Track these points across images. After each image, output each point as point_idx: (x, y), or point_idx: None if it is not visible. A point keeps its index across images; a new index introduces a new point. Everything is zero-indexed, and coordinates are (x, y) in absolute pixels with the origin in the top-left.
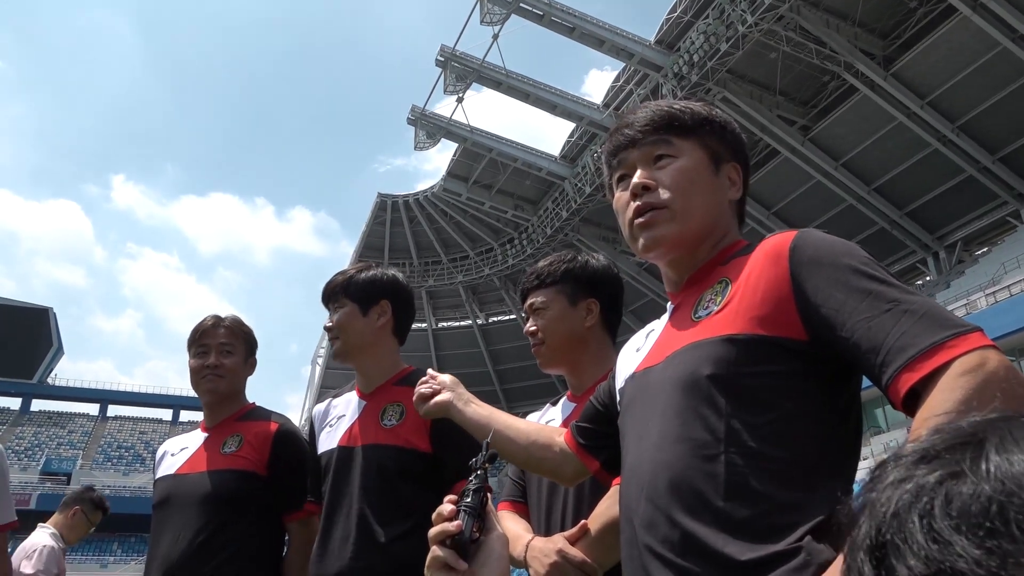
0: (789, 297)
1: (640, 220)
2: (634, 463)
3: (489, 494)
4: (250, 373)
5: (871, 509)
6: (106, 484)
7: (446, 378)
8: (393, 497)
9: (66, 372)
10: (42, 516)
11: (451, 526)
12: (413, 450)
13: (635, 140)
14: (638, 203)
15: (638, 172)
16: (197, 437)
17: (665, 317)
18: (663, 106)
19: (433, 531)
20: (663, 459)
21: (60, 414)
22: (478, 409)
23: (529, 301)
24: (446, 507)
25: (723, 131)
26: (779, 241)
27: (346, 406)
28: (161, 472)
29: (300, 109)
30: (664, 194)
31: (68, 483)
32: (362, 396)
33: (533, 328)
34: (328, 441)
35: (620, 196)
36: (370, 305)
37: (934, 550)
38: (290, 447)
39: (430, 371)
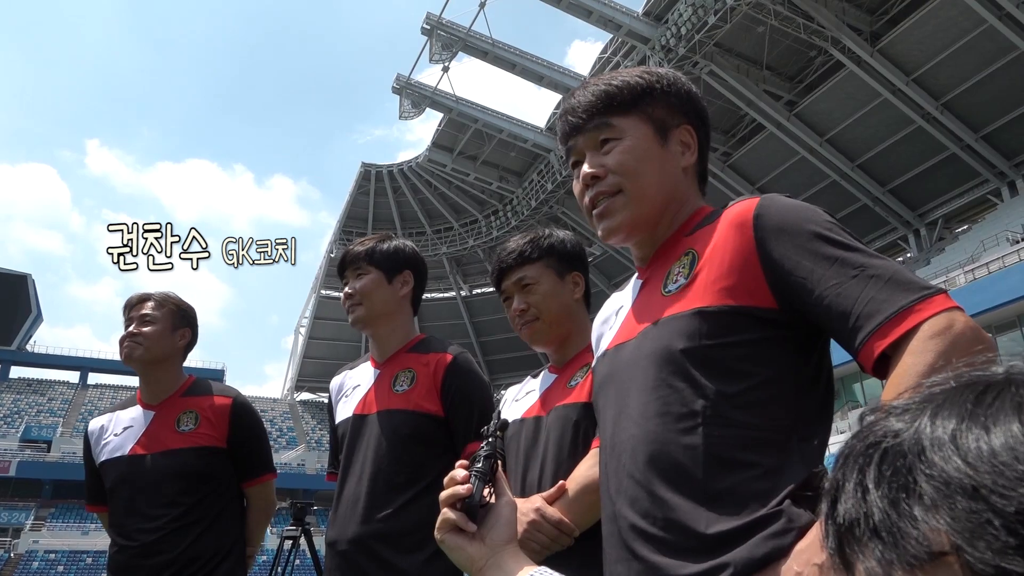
0: (756, 266)
1: (596, 211)
2: (612, 440)
3: (500, 460)
4: (183, 344)
5: (843, 451)
6: None
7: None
8: (405, 460)
9: (44, 339)
10: (22, 484)
11: (462, 489)
12: (424, 413)
13: (579, 127)
14: (591, 194)
15: (587, 160)
16: (139, 413)
17: (631, 291)
18: (600, 86)
19: (444, 494)
20: (642, 434)
21: (40, 381)
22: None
23: (516, 277)
24: (458, 472)
25: (667, 96)
26: (743, 209)
27: (361, 376)
28: (108, 454)
29: (280, 75)
30: (613, 179)
31: (48, 451)
32: (376, 365)
33: (524, 306)
34: (344, 411)
35: (575, 184)
36: (395, 274)
37: (858, 497)
38: (246, 419)
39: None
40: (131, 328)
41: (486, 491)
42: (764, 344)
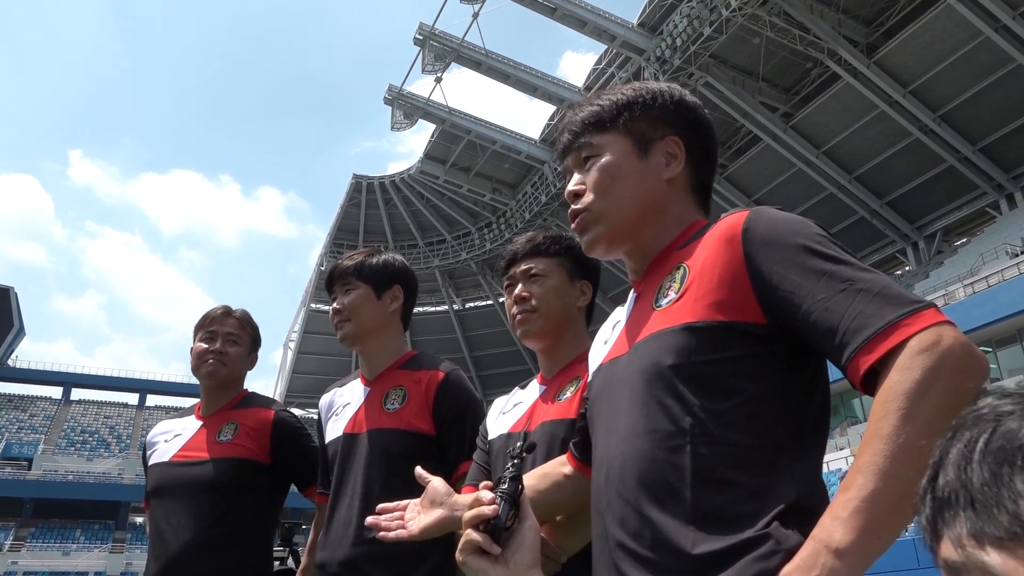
0: (745, 281)
1: (573, 226)
2: (603, 457)
3: (523, 484)
4: (250, 367)
5: (948, 430)
6: (69, 470)
7: (438, 483)
8: (397, 481)
9: (26, 353)
10: (2, 502)
11: (487, 510)
12: (416, 432)
13: (568, 146)
14: (571, 210)
15: (572, 179)
16: (191, 424)
17: (629, 305)
18: (588, 106)
19: (469, 514)
20: (630, 452)
21: (21, 397)
22: None
23: (525, 266)
24: (484, 492)
25: (649, 109)
26: (732, 222)
27: (351, 394)
28: (154, 459)
29: (267, 83)
30: (587, 198)
31: (29, 468)
32: (366, 383)
33: (526, 293)
34: (334, 430)
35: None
36: (384, 289)
37: (960, 469)
38: (290, 431)
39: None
40: (217, 345)
41: (511, 513)
42: (753, 360)
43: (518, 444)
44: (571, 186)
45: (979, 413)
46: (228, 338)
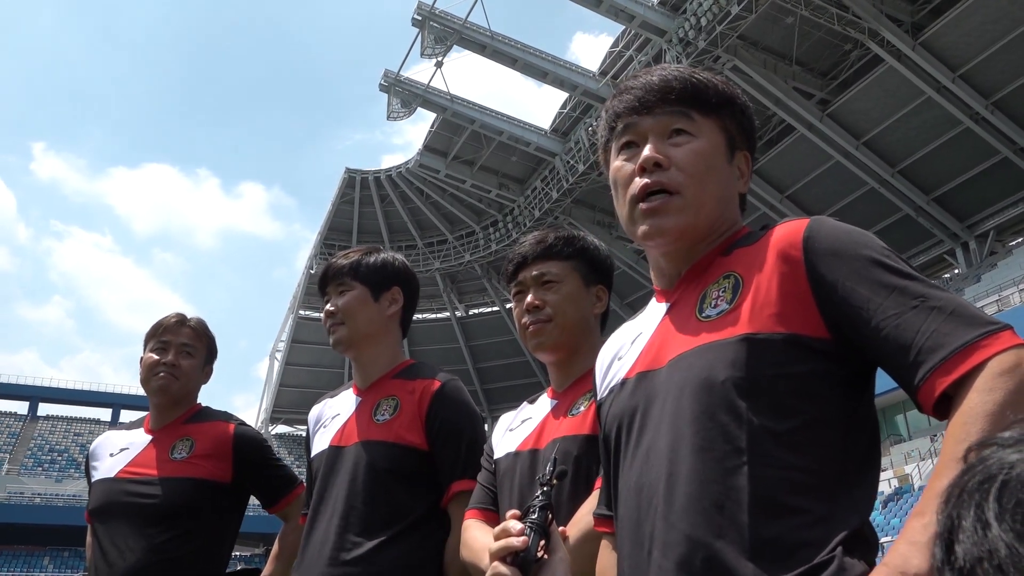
0: (807, 292)
1: (646, 205)
2: (641, 479)
3: (552, 512)
4: (205, 381)
5: (952, 490)
6: (36, 492)
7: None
8: (382, 498)
9: None
10: None
11: (516, 542)
12: (406, 446)
13: (651, 106)
14: (647, 181)
15: (649, 144)
16: (140, 437)
17: (652, 317)
18: (685, 74)
19: (496, 546)
20: (678, 473)
21: None
22: None
23: (536, 271)
24: (512, 523)
25: (743, 115)
26: (791, 231)
27: (341, 405)
28: (99, 474)
29: (250, 69)
30: (678, 177)
31: None
32: (358, 392)
33: (539, 302)
34: (320, 443)
35: (622, 167)
36: (382, 290)
37: (978, 535)
38: (253, 444)
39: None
40: (169, 357)
41: (540, 544)
42: (815, 380)
43: (548, 469)
44: (652, 151)
45: (985, 466)
46: (182, 349)
